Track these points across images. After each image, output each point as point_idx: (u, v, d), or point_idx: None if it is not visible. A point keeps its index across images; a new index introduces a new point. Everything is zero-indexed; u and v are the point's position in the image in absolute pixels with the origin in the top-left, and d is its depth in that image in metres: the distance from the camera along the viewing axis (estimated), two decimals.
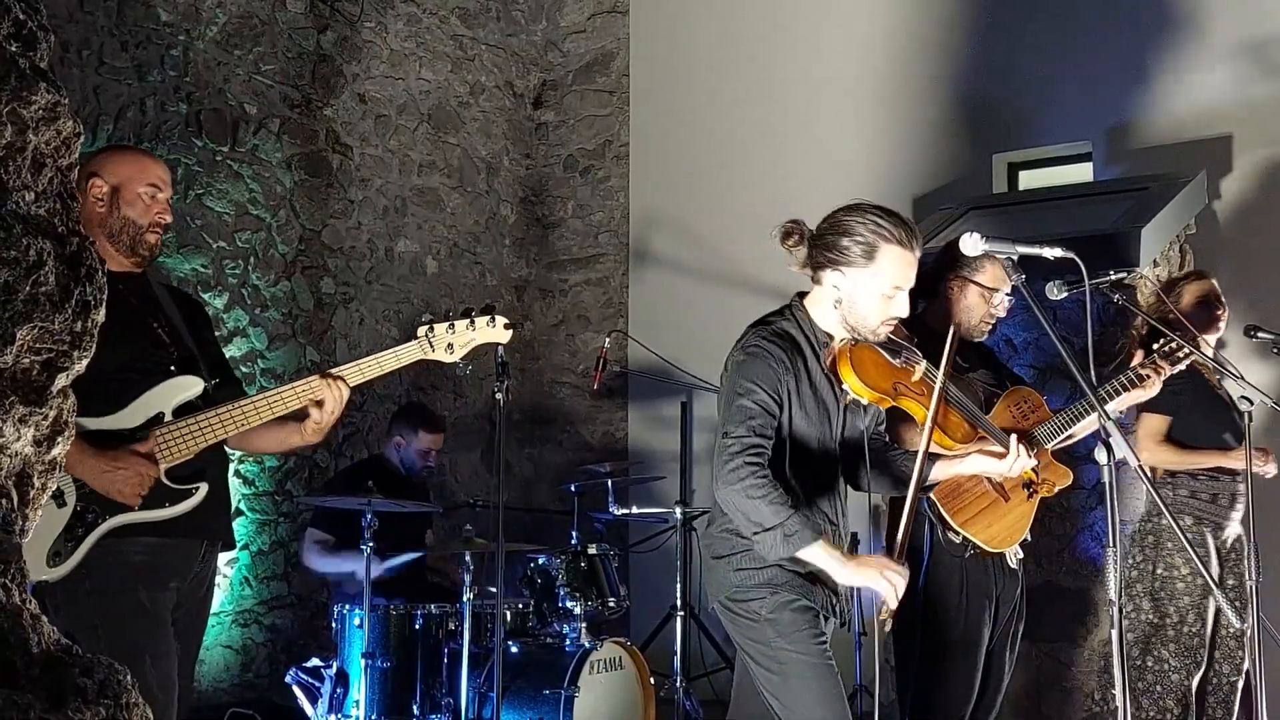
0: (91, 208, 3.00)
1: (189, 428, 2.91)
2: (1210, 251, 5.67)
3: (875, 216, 2.97)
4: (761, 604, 2.96)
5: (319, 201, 6.49)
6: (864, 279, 2.96)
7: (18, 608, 1.40)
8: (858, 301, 2.98)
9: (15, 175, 1.43)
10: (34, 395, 1.43)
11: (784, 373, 2.97)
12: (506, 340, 3.18)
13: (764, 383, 2.95)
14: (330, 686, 4.86)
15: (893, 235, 2.95)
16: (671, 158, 7.60)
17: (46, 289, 1.43)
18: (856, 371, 2.98)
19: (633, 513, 6.08)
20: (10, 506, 1.42)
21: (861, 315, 2.99)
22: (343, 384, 2.99)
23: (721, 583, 3.05)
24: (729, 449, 2.90)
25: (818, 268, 3.05)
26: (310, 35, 6.49)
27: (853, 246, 2.96)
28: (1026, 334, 5.35)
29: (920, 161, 6.66)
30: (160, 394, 2.94)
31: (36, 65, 1.45)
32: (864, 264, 2.95)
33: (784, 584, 2.96)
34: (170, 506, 2.86)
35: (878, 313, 2.98)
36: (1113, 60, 6.11)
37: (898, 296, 2.98)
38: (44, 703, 1.32)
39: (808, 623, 2.95)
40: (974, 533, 3.54)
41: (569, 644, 4.94)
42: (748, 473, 2.86)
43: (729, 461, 2.88)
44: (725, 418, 2.98)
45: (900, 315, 3.02)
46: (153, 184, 3.09)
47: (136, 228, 3.05)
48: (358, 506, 4.81)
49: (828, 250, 3.00)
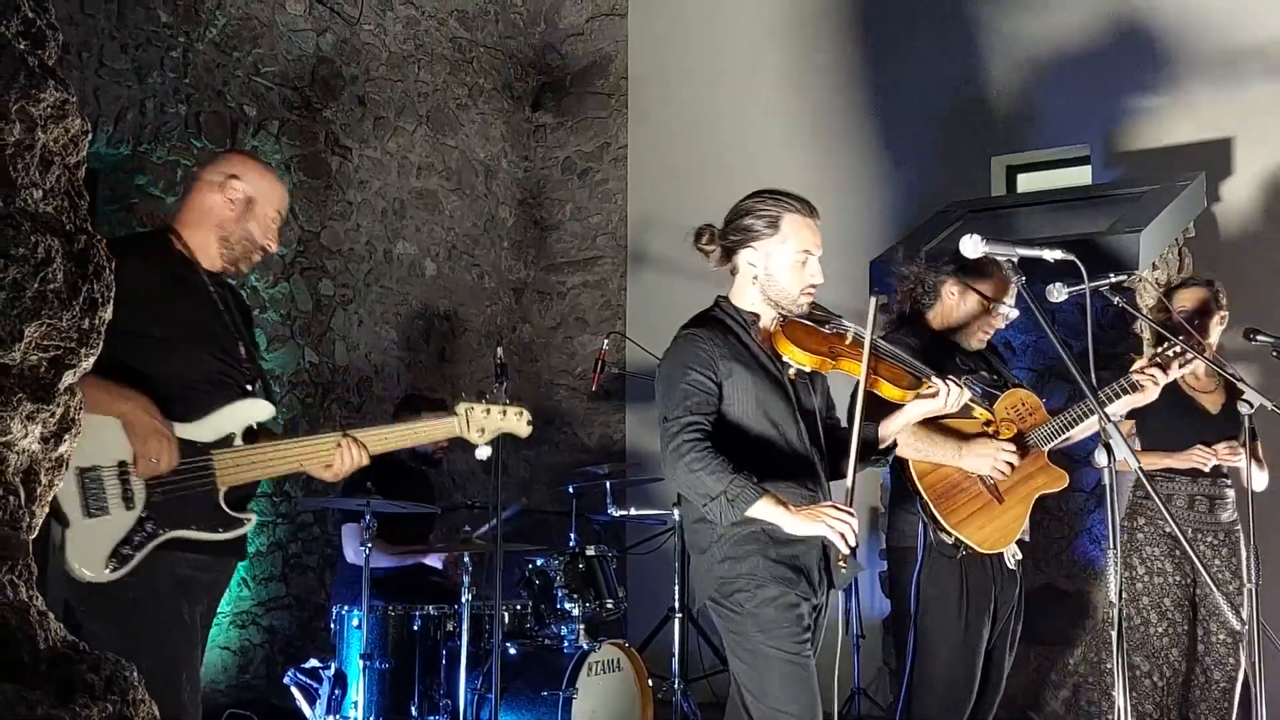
0: (220, 206, 3.03)
1: (250, 457, 2.91)
2: (1209, 255, 5.68)
3: (770, 193, 3.19)
4: (745, 597, 3.01)
5: (318, 203, 6.49)
6: (774, 248, 3.14)
7: (25, 604, 1.40)
8: (774, 272, 3.15)
9: (24, 173, 1.43)
10: (42, 392, 1.43)
11: (715, 349, 3.10)
12: (525, 435, 3.32)
13: (695, 363, 3.08)
14: (328, 688, 4.86)
15: (791, 205, 3.16)
16: (669, 161, 7.60)
17: (54, 286, 1.43)
18: (792, 342, 3.09)
19: (630, 514, 6.08)
20: (18, 503, 1.42)
21: (780, 286, 3.15)
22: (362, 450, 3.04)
23: (706, 577, 3.11)
24: (668, 431, 3.03)
25: (731, 254, 3.22)
26: (309, 37, 6.49)
27: (756, 222, 3.16)
28: (1025, 336, 5.36)
29: (919, 164, 6.67)
30: (236, 413, 2.94)
31: (45, 63, 1.45)
32: (770, 234, 3.14)
33: (767, 578, 3.01)
34: (224, 532, 2.87)
35: (795, 280, 3.14)
36: (1112, 63, 6.12)
37: (809, 262, 3.14)
38: (51, 698, 1.32)
39: (789, 621, 3.00)
40: (967, 534, 3.54)
41: (567, 645, 4.94)
42: (688, 449, 2.97)
43: (669, 443, 3.01)
44: (664, 407, 3.10)
45: (816, 282, 3.16)
46: (280, 210, 3.15)
47: (253, 244, 3.09)
48: (356, 508, 4.81)
49: (736, 234, 3.20)
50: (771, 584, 3.00)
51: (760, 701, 2.99)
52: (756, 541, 3.03)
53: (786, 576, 3.02)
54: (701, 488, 2.95)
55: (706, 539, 3.10)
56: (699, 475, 2.94)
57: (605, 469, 5.95)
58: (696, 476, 2.95)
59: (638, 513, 6.17)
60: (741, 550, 3.03)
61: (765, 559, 3.01)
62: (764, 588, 3.00)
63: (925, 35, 6.74)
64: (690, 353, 3.10)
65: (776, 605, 3.00)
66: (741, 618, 3.02)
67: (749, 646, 3.02)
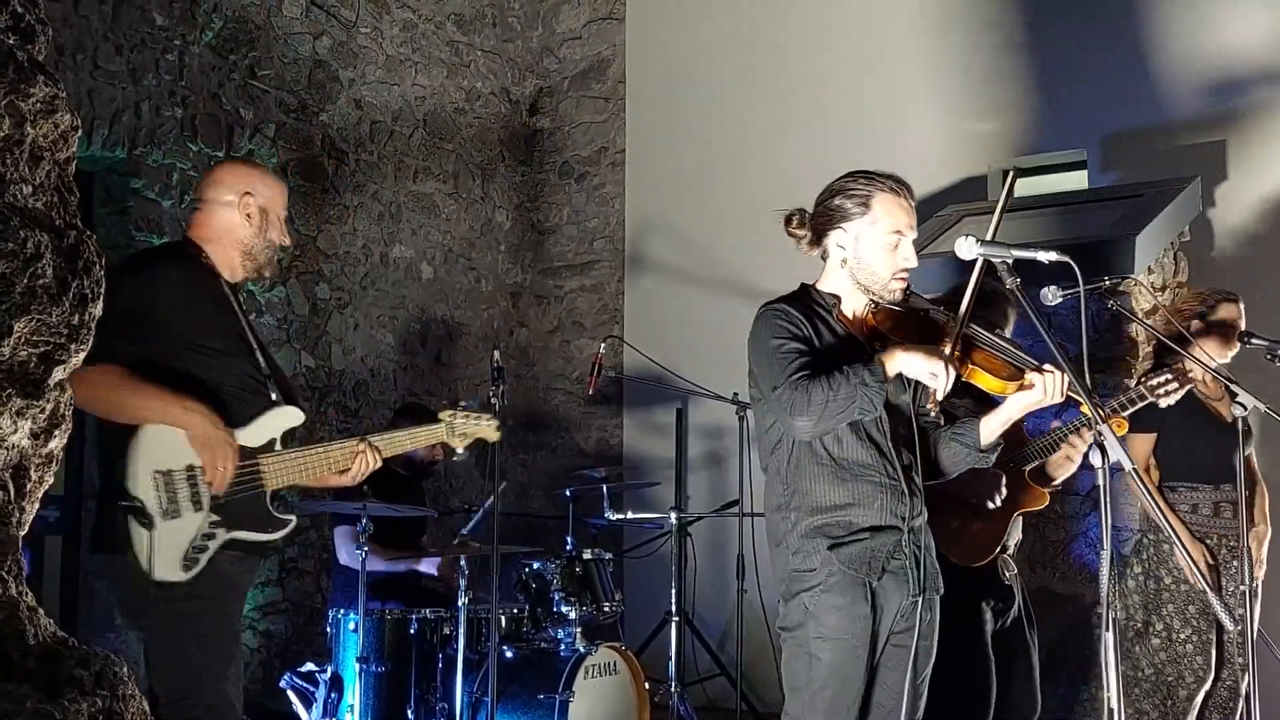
0: (239, 225, 3.15)
1: (291, 461, 3.09)
2: (1205, 258, 5.69)
3: (863, 173, 3.07)
4: (809, 597, 2.91)
5: (314, 207, 6.49)
6: (864, 229, 3.01)
7: (14, 600, 1.40)
8: (864, 254, 3.02)
9: (13, 168, 1.43)
10: (31, 388, 1.43)
11: (799, 318, 2.99)
12: (495, 440, 3.61)
13: (782, 333, 2.97)
14: (325, 691, 4.85)
15: (884, 184, 3.03)
16: (667, 164, 7.61)
17: (44, 282, 1.43)
18: (887, 331, 2.98)
19: (628, 518, 6.09)
20: (7, 499, 1.42)
21: (870, 269, 3.02)
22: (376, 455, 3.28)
23: (781, 571, 3.00)
24: (781, 399, 2.89)
25: (820, 236, 3.09)
26: (306, 41, 6.49)
27: (846, 202, 3.03)
28: (1020, 340, 5.35)
29: (916, 169, 6.66)
30: (274, 420, 3.10)
31: (34, 58, 1.45)
32: (860, 214, 3.01)
33: (838, 581, 2.89)
34: (273, 532, 3.04)
35: (885, 264, 3.01)
36: (1107, 67, 6.13)
37: (901, 244, 3.01)
38: (39, 693, 1.32)
39: (852, 633, 2.88)
40: (943, 546, 3.50)
41: (564, 649, 4.93)
42: (797, 386, 2.86)
43: (788, 405, 2.87)
44: (768, 381, 2.96)
45: (909, 265, 3.02)
46: (285, 205, 3.28)
47: (274, 249, 3.23)
48: (353, 511, 4.81)
49: (825, 215, 3.07)
50: (842, 589, 2.88)
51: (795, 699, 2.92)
52: (826, 529, 2.93)
53: (856, 575, 2.89)
54: (832, 401, 2.83)
55: (780, 530, 3.00)
56: (816, 393, 2.83)
57: (602, 473, 5.95)
58: (818, 398, 2.83)
59: (634, 516, 6.18)
60: (812, 544, 2.92)
61: (834, 554, 2.90)
62: (830, 593, 2.88)
63: (919, 42, 6.74)
64: (774, 325, 2.99)
65: (840, 614, 2.88)
66: (803, 618, 2.91)
67: (804, 649, 2.91)
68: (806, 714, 2.91)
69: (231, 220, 3.14)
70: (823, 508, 2.94)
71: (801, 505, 2.96)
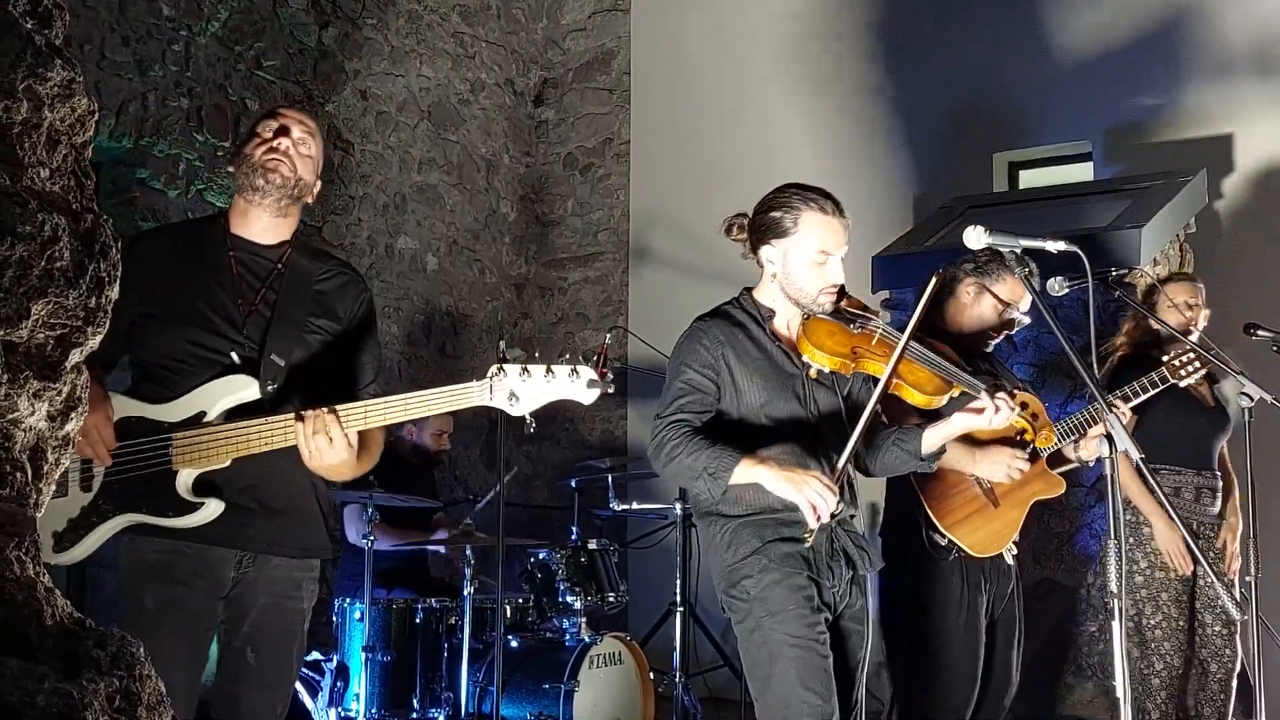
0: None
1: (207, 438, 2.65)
2: (1211, 250, 5.68)
3: (795, 189, 3.10)
4: (750, 583, 2.95)
5: (319, 197, 6.46)
6: (791, 246, 3.05)
7: (32, 580, 1.41)
8: (791, 270, 3.07)
9: (30, 151, 1.43)
10: (48, 370, 1.44)
11: (717, 345, 3.05)
12: (589, 402, 2.81)
13: (694, 362, 3.04)
14: (330, 680, 4.87)
15: (814, 203, 3.05)
16: (671, 156, 7.61)
17: (61, 264, 1.44)
18: (811, 341, 3.03)
19: (632, 508, 6.09)
20: (25, 480, 1.43)
21: (798, 285, 3.07)
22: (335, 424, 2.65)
23: (719, 570, 3.06)
24: (655, 430, 3.02)
25: (755, 249, 3.15)
26: (311, 31, 6.49)
27: (779, 217, 3.07)
28: (1026, 331, 5.35)
29: (921, 161, 6.68)
30: (210, 392, 2.71)
31: (52, 43, 1.46)
32: (790, 231, 3.05)
33: (771, 560, 2.95)
34: (174, 517, 2.65)
35: (813, 280, 3.05)
36: (1113, 59, 6.13)
37: (829, 262, 3.05)
38: (58, 673, 1.33)
39: (797, 603, 2.91)
40: (960, 536, 3.51)
41: (569, 639, 4.95)
42: (666, 438, 2.96)
43: (654, 439, 3.00)
44: (661, 398, 3.09)
45: (836, 281, 3.07)
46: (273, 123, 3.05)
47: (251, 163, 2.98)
48: (358, 499, 4.82)
49: (758, 229, 3.12)
50: (776, 566, 2.94)
51: (768, 689, 2.91)
52: (758, 526, 2.99)
53: (791, 557, 2.95)
54: (687, 471, 2.92)
55: (712, 531, 3.06)
56: (679, 460, 2.92)
57: (607, 463, 5.96)
58: (677, 462, 2.92)
59: (639, 507, 6.17)
60: (744, 535, 2.99)
61: (768, 542, 2.96)
62: (768, 571, 2.94)
63: (928, 32, 6.74)
64: (691, 350, 3.06)
65: (782, 586, 2.93)
66: (748, 603, 2.95)
67: (760, 636, 2.93)
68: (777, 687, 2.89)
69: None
70: (754, 509, 3.01)
71: (731, 511, 3.02)
